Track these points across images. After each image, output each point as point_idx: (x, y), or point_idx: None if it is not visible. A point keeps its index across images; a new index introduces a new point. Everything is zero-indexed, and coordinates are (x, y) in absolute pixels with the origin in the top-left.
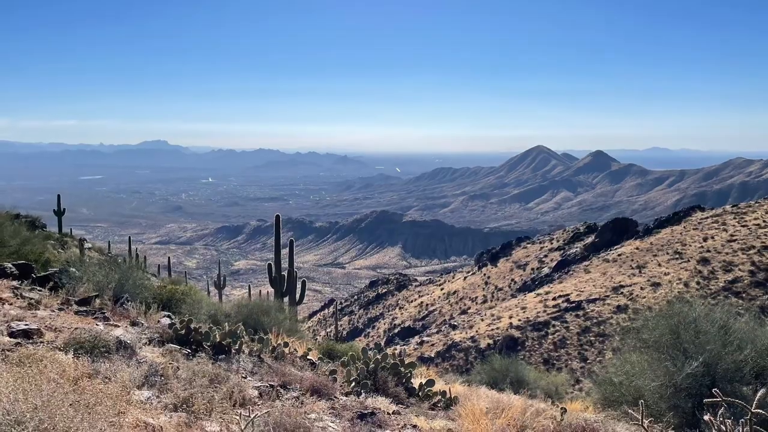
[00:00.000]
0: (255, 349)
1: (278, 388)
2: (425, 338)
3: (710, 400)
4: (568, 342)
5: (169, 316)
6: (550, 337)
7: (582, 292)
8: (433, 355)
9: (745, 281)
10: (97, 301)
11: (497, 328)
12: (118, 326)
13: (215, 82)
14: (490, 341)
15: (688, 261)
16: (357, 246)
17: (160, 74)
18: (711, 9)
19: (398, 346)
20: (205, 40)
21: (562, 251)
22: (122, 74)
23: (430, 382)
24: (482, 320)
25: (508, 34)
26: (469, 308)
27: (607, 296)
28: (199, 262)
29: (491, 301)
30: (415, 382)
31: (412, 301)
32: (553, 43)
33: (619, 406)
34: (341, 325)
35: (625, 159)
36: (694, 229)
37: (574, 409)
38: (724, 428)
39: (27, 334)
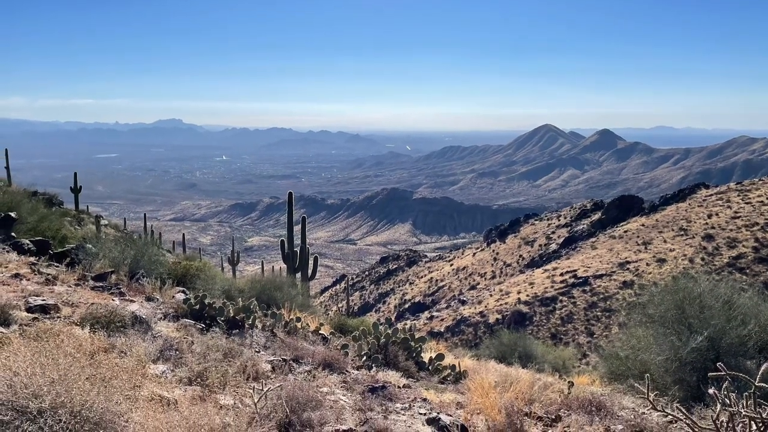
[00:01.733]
0: (268, 324)
1: (291, 362)
2: (435, 313)
3: (715, 374)
4: (575, 317)
5: (183, 292)
6: (557, 312)
7: (589, 268)
8: (442, 330)
9: (749, 257)
10: (113, 276)
11: (506, 304)
12: (134, 301)
13: (229, 61)
14: (499, 316)
15: (693, 237)
16: (368, 223)
17: (175, 54)
18: None
19: (408, 321)
20: (220, 20)
21: (569, 228)
22: (138, 54)
23: (440, 357)
24: (491, 296)
25: (517, 14)
26: (478, 284)
27: (614, 272)
28: (213, 238)
29: (500, 276)
30: (425, 357)
31: (422, 277)
32: (561, 23)
33: (625, 380)
34: (352, 301)
35: (631, 137)
36: (698, 206)
37: (581, 382)
38: (728, 401)
39: (44, 309)
